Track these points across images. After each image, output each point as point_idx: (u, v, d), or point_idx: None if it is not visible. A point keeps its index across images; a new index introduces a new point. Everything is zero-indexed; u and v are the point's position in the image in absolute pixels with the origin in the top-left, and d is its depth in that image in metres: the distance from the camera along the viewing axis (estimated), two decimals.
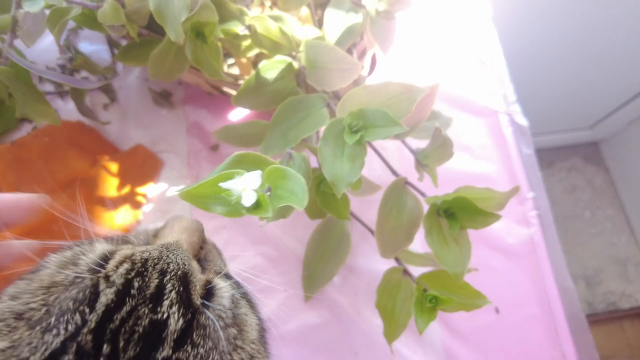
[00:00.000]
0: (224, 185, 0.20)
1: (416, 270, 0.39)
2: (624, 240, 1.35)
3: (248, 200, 0.19)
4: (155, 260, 0.21)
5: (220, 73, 0.33)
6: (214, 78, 0.34)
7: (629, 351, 1.30)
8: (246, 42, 0.37)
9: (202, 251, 0.25)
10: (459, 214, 0.36)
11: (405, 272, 0.39)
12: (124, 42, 0.50)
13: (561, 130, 1.39)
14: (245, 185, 0.20)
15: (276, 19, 0.35)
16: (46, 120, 0.38)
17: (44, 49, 0.54)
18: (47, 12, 0.35)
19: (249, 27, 0.35)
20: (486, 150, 0.50)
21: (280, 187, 0.23)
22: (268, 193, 0.22)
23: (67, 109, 0.52)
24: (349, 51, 0.41)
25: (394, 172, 0.39)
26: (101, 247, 0.22)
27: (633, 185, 1.34)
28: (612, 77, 1.12)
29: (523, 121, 0.51)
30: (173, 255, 0.21)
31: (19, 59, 0.36)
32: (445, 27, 0.56)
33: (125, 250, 0.21)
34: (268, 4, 0.40)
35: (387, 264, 0.43)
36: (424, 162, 0.37)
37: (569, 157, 1.45)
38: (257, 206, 0.20)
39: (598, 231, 1.36)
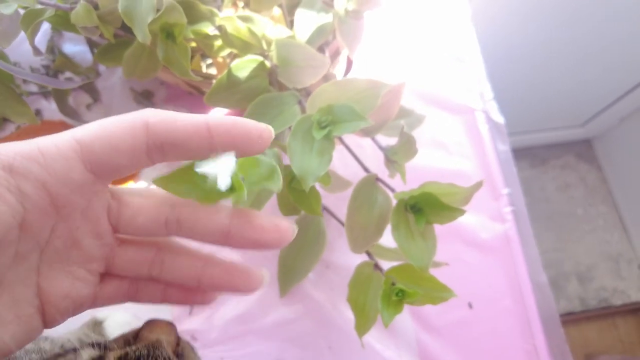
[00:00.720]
0: (198, 169, 0.19)
1: (388, 265, 0.40)
2: (616, 237, 1.35)
3: (223, 182, 0.18)
4: (146, 357, 0.23)
5: (189, 72, 0.34)
6: (184, 77, 0.35)
7: (621, 347, 1.31)
8: (218, 42, 0.38)
9: (179, 347, 0.27)
10: (425, 209, 0.36)
11: (376, 266, 0.39)
12: (104, 43, 0.51)
13: (554, 127, 1.39)
14: (220, 168, 0.19)
15: (245, 19, 0.36)
16: (24, 120, 0.39)
17: (29, 49, 0.55)
18: (22, 12, 0.36)
19: (219, 28, 0.36)
20: (462, 147, 0.51)
21: (253, 175, 0.23)
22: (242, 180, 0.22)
23: (51, 109, 0.53)
24: (322, 50, 0.42)
25: (365, 169, 0.40)
26: (87, 354, 0.23)
27: (625, 182, 1.35)
28: (604, 74, 1.13)
29: (499, 118, 0.52)
30: (159, 351, 0.24)
31: (2, 63, 0.37)
32: (423, 26, 0.56)
33: (117, 352, 0.23)
34: (241, 4, 0.41)
35: (363, 259, 0.44)
36: (392, 158, 0.38)
37: (562, 155, 1.45)
38: (232, 190, 0.20)
39: (591, 228, 1.37)
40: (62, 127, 0.50)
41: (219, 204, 0.20)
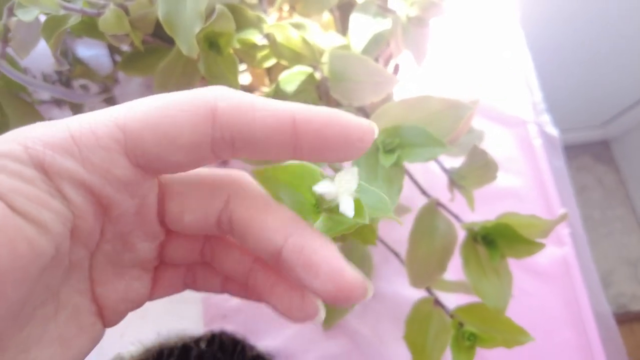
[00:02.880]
0: (318, 189, 0.14)
1: (447, 298, 0.37)
2: (634, 241, 1.32)
3: (348, 208, 0.14)
4: None
5: (238, 87, 0.30)
6: None
7: (639, 354, 1.28)
8: (263, 52, 0.34)
9: None
10: (499, 241, 0.32)
11: (437, 302, 0.36)
12: (125, 47, 0.47)
13: (571, 128, 1.36)
14: (343, 189, 0.15)
15: (298, 26, 0.31)
16: None
17: (40, 54, 0.50)
18: (43, 18, 0.32)
19: (268, 36, 0.32)
20: (515, 163, 0.47)
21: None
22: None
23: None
24: (376, 60, 0.38)
25: (424, 193, 0.36)
26: None
27: None
28: (625, 74, 1.10)
29: (553, 131, 0.48)
30: None
31: (12, 72, 0.32)
32: (470, 33, 0.52)
33: None
34: (286, 8, 0.37)
35: (412, 288, 0.40)
36: (459, 182, 0.34)
37: (579, 156, 1.42)
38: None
39: (608, 231, 1.34)
40: None
41: (283, 211, 0.15)
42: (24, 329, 0.14)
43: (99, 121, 0.14)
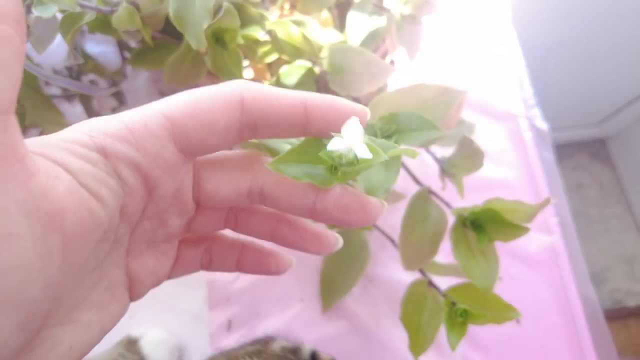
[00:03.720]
0: (333, 147, 0.16)
1: (440, 281, 0.39)
2: (630, 238, 1.34)
3: (364, 152, 0.16)
4: None
5: None
6: None
7: (634, 349, 1.30)
8: (264, 48, 0.36)
9: None
10: (487, 225, 0.34)
11: (430, 284, 0.38)
12: (133, 44, 0.49)
13: (567, 126, 1.37)
14: (353, 140, 0.16)
15: (298, 23, 0.33)
16: (56, 128, 0.37)
17: (50, 51, 0.52)
18: (59, 16, 0.34)
19: (270, 32, 0.34)
20: (506, 155, 0.49)
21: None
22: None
23: (75, 113, 0.50)
24: None
25: (417, 181, 0.38)
26: None
27: None
28: (622, 73, 1.11)
29: (543, 125, 0.50)
30: None
31: (30, 66, 0.34)
32: (463, 29, 0.54)
33: None
34: (287, 6, 0.39)
35: (407, 273, 0.42)
36: (450, 171, 0.36)
37: (575, 154, 1.44)
38: (360, 161, 0.17)
39: (604, 229, 1.36)
40: None
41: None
42: (75, 292, 0.16)
43: (148, 114, 0.16)
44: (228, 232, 0.21)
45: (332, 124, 0.17)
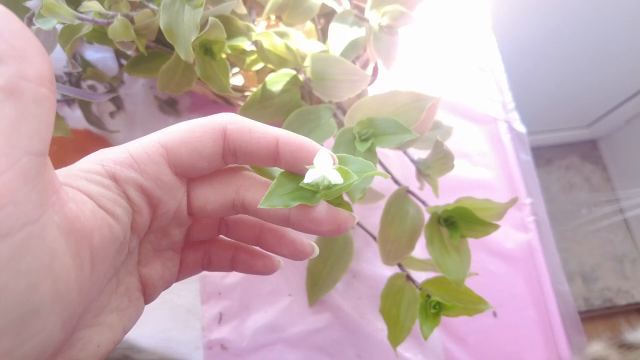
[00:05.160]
0: (306, 181, 0.19)
1: (418, 276, 0.41)
2: (620, 238, 1.36)
3: (337, 179, 0.19)
4: None
5: (228, 89, 0.34)
6: (223, 93, 0.35)
7: None
8: (252, 57, 0.38)
9: None
10: (459, 223, 0.37)
11: (409, 277, 0.40)
12: (130, 52, 0.51)
13: (559, 128, 1.40)
14: (324, 169, 0.19)
15: (282, 34, 0.36)
16: (59, 133, 0.39)
17: (50, 58, 0.55)
18: (59, 27, 0.36)
19: (255, 43, 0.36)
20: (485, 157, 0.51)
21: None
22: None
23: (75, 117, 0.53)
24: (353, 63, 0.42)
25: (396, 182, 0.40)
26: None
27: (630, 183, 1.36)
28: (611, 75, 1.13)
29: (521, 128, 0.53)
30: None
31: None
32: (444, 36, 0.57)
33: None
34: (273, 17, 0.41)
35: (390, 269, 0.45)
36: (425, 172, 0.38)
37: (567, 155, 1.46)
38: (336, 184, 0.20)
39: (595, 228, 1.38)
40: (87, 136, 0.50)
41: None
42: (99, 297, 0.19)
43: (147, 143, 0.19)
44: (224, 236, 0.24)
45: (299, 161, 0.20)
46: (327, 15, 0.45)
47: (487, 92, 0.54)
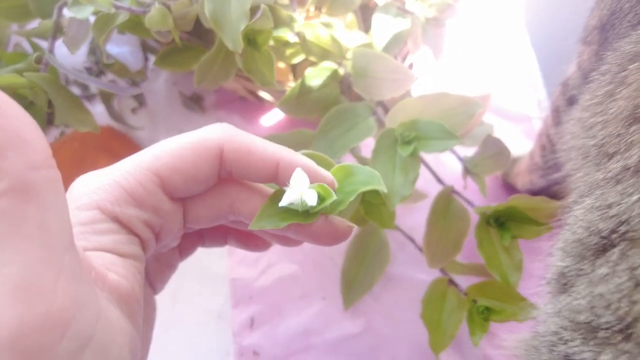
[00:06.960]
0: (282, 204, 0.19)
1: (460, 280, 0.39)
2: None
3: (312, 199, 0.19)
4: None
5: (273, 82, 0.33)
6: (266, 87, 0.33)
7: None
8: (292, 49, 0.37)
9: None
10: (509, 223, 0.35)
11: (451, 282, 0.38)
12: (154, 46, 0.50)
13: None
14: (299, 190, 0.19)
15: (327, 25, 0.34)
16: (87, 128, 0.37)
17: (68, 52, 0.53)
18: (91, 18, 0.34)
19: (298, 34, 0.35)
20: None
21: (349, 183, 0.22)
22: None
23: (96, 113, 0.50)
24: (394, 58, 0.40)
25: (439, 181, 0.39)
26: None
27: None
28: None
29: None
30: None
31: (61, 65, 0.35)
32: (478, 34, 0.55)
33: None
34: (312, 9, 0.39)
35: (426, 272, 0.43)
36: (473, 170, 0.37)
37: None
38: (322, 201, 0.20)
39: None
40: (110, 132, 0.48)
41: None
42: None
43: (137, 173, 0.18)
44: None
45: None
46: (364, 8, 0.43)
47: (522, 90, 0.53)
